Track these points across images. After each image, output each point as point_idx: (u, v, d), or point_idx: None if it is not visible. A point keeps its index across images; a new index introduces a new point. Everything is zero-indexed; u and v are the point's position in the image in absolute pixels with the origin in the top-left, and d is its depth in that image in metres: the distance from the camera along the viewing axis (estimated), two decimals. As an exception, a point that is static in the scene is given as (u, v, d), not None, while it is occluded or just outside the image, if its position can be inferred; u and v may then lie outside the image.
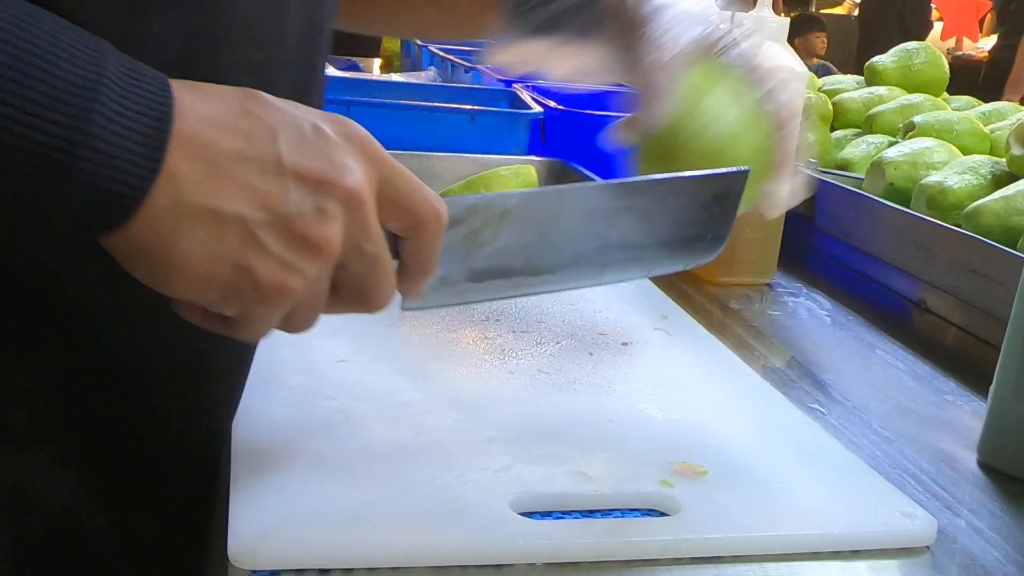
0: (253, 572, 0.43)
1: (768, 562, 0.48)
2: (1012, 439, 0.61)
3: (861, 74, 1.37)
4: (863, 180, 1.07)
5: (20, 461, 0.49)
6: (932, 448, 0.65)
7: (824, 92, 1.32)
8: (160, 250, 0.39)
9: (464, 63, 1.64)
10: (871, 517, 0.51)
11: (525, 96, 1.24)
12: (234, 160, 0.40)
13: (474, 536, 0.46)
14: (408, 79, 1.71)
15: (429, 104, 1.20)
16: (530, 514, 0.49)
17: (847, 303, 0.95)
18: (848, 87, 1.36)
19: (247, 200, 0.40)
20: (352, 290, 0.45)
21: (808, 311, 0.92)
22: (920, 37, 4.42)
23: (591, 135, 0.81)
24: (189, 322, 0.45)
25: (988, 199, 0.89)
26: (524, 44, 0.64)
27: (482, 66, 1.52)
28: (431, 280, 0.48)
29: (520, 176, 0.92)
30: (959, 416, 0.71)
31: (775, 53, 0.90)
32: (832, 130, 1.27)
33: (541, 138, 1.20)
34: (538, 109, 1.20)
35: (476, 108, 1.18)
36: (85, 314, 0.49)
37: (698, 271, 0.98)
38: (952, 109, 1.20)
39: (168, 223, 0.39)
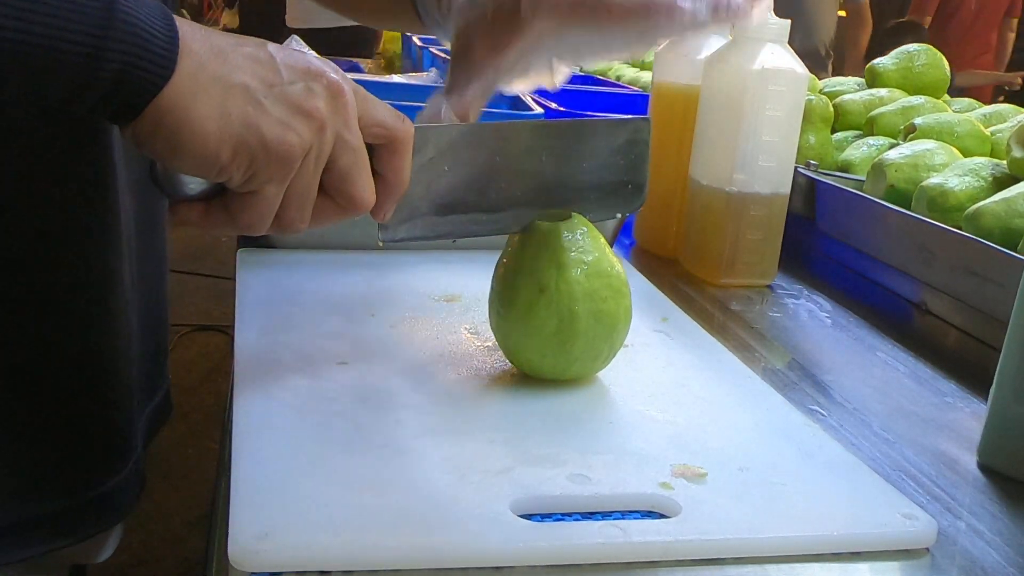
0: (253, 574, 0.43)
1: (768, 564, 0.48)
2: (1012, 441, 0.61)
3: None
4: (864, 182, 1.07)
5: None
6: (932, 450, 0.65)
7: (825, 94, 1.32)
8: (182, 115, 0.46)
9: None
10: (871, 519, 0.51)
11: (526, 97, 1.25)
12: (232, 48, 0.48)
13: (474, 538, 0.46)
14: (409, 80, 1.71)
15: (430, 105, 1.20)
16: (530, 516, 0.49)
17: (848, 305, 0.95)
18: (849, 89, 1.37)
19: (249, 74, 0.48)
20: (338, 187, 0.53)
21: (809, 313, 0.92)
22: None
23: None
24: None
25: (989, 201, 0.89)
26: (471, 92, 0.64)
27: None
28: (402, 213, 0.59)
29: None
30: (959, 418, 0.71)
31: (776, 55, 0.90)
32: (833, 132, 1.27)
33: (542, 139, 1.20)
34: (539, 110, 1.20)
35: (477, 109, 1.18)
36: None
37: (699, 272, 0.98)
38: (953, 111, 1.20)
39: (190, 90, 0.46)
